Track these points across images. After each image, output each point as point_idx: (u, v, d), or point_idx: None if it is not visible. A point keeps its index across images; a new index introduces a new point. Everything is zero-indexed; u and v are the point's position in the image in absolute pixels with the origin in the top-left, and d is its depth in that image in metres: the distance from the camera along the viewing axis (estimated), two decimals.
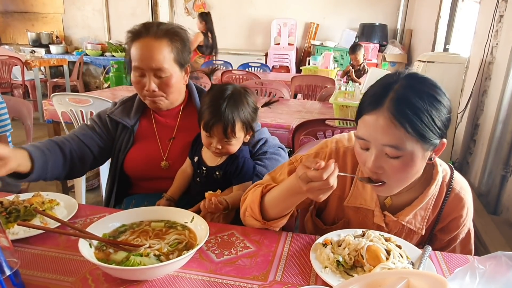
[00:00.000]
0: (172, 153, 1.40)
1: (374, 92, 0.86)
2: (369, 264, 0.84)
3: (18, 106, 1.97)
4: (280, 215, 1.00)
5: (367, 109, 0.85)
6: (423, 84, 0.84)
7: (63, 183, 2.71)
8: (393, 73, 0.89)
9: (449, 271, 0.90)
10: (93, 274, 0.84)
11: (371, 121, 0.84)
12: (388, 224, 1.02)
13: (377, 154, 0.85)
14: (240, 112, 1.20)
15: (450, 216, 1.02)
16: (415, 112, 0.80)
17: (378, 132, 0.83)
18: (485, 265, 0.60)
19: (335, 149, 1.06)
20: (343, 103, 2.39)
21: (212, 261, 0.91)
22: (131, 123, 1.41)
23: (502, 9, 2.92)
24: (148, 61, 1.25)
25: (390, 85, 0.84)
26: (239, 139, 1.24)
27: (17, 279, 0.78)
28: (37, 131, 4.17)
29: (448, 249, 1.07)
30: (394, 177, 0.88)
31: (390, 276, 0.58)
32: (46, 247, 0.94)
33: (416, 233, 1.02)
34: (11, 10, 7.79)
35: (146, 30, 1.27)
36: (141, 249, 0.87)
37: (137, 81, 1.31)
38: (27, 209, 1.04)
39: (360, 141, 0.89)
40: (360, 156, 0.91)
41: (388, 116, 0.81)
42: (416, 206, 0.99)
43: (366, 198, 1.02)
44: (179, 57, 1.30)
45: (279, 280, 0.85)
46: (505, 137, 2.74)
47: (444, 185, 1.01)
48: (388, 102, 0.82)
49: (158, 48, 1.25)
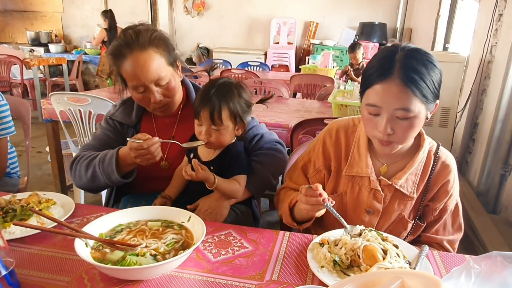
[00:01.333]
0: (172, 153, 1.40)
1: (380, 64, 0.96)
2: (365, 263, 0.84)
3: (16, 105, 1.96)
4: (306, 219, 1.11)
5: (378, 79, 0.94)
6: (420, 53, 0.95)
7: (62, 182, 2.71)
8: (389, 47, 1.00)
9: (446, 270, 0.90)
10: (89, 274, 0.84)
11: (384, 88, 0.94)
12: (384, 189, 1.09)
13: (388, 118, 0.95)
14: (228, 99, 1.21)
15: (438, 182, 1.09)
16: (420, 77, 0.92)
17: (391, 98, 0.93)
18: (480, 264, 0.60)
19: (327, 130, 1.19)
20: (342, 102, 2.39)
21: (209, 261, 0.91)
22: (133, 122, 1.41)
23: (502, 8, 2.92)
24: (145, 76, 1.23)
25: (393, 56, 0.94)
26: (227, 128, 1.23)
27: (12, 279, 0.77)
28: (36, 130, 4.19)
29: (440, 221, 1.12)
30: (402, 136, 0.98)
31: (384, 276, 0.58)
32: (42, 246, 0.94)
33: (409, 198, 1.09)
34: (10, 9, 7.77)
35: (129, 48, 1.22)
36: (138, 248, 0.87)
37: (140, 98, 1.30)
38: (24, 208, 1.04)
39: (370, 108, 0.97)
40: (370, 122, 1.00)
41: (399, 82, 0.92)
42: (408, 170, 1.07)
43: (362, 167, 1.10)
44: (168, 58, 1.29)
45: (276, 279, 0.85)
46: (504, 136, 2.74)
47: (431, 154, 1.10)
48: (397, 71, 0.92)
49: (148, 59, 1.22)
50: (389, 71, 0.93)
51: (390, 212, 1.10)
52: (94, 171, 1.26)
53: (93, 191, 1.39)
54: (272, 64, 6.64)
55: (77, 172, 1.32)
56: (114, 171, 1.21)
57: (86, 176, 1.28)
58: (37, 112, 5.23)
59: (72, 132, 2.57)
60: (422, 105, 0.94)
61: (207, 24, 7.22)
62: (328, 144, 1.17)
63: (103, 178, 1.25)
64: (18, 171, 1.88)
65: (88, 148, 1.38)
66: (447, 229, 1.13)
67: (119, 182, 1.25)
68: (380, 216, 1.10)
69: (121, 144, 1.36)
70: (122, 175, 1.25)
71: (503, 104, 2.72)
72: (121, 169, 1.24)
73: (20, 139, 2.00)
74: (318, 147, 1.19)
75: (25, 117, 1.96)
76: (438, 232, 1.13)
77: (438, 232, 1.13)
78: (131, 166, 1.25)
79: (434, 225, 1.13)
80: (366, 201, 1.10)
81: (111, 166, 1.21)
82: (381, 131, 0.97)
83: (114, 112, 1.43)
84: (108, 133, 1.41)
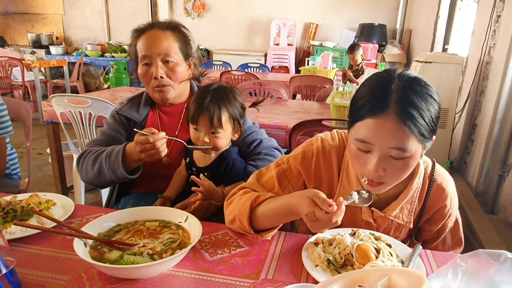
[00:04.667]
0: (174, 151, 1.42)
1: (374, 94, 0.85)
2: (359, 262, 0.85)
3: (17, 107, 1.98)
4: (271, 226, 0.98)
5: (371, 112, 0.83)
6: (418, 84, 0.84)
7: (62, 183, 2.72)
8: (384, 74, 0.88)
9: (438, 269, 0.92)
10: (88, 273, 0.86)
11: (377, 124, 0.82)
12: (376, 220, 1.02)
13: (380, 157, 0.84)
14: (226, 103, 1.23)
15: (434, 207, 1.03)
16: (420, 114, 0.81)
17: (385, 135, 0.82)
18: (467, 262, 0.61)
19: (322, 148, 1.05)
20: (340, 104, 2.40)
21: (206, 260, 0.93)
22: (140, 118, 1.44)
23: (500, 9, 2.93)
24: (155, 48, 1.33)
25: (389, 86, 0.83)
26: (226, 132, 1.24)
27: (13, 278, 0.79)
28: (37, 132, 4.21)
29: (438, 239, 1.09)
30: (394, 177, 0.88)
31: (373, 273, 0.60)
32: (42, 246, 0.96)
33: (405, 226, 1.03)
34: (11, 11, 7.81)
35: (151, 26, 1.38)
36: (135, 248, 0.89)
37: (144, 71, 1.35)
38: (24, 209, 1.05)
39: (360, 144, 0.86)
40: (359, 159, 0.89)
41: (396, 119, 0.80)
42: (402, 200, 0.99)
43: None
44: (183, 47, 1.40)
45: (271, 278, 0.86)
46: (502, 136, 2.75)
47: (426, 177, 1.02)
48: (393, 104, 0.81)
49: (163, 36, 1.35)
50: (384, 104, 0.81)
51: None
52: (101, 166, 1.27)
53: (99, 187, 1.43)
54: (272, 66, 6.66)
55: (84, 167, 1.34)
56: (120, 166, 1.23)
57: (93, 171, 1.29)
58: (38, 114, 5.26)
59: (72, 134, 2.59)
60: (419, 144, 0.84)
61: (207, 26, 7.24)
62: (322, 166, 1.04)
63: (109, 173, 1.26)
64: (19, 172, 1.90)
65: (96, 143, 1.40)
66: (446, 244, 1.09)
67: (125, 178, 1.26)
68: None
69: (127, 140, 1.39)
70: (128, 171, 1.26)
71: (501, 104, 2.73)
72: (127, 165, 1.25)
73: (21, 140, 2.02)
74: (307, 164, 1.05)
75: (26, 119, 1.98)
76: (437, 248, 1.08)
77: (437, 248, 1.08)
78: (137, 162, 1.26)
79: (432, 242, 1.09)
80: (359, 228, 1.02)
81: (117, 161, 1.23)
82: (371, 171, 0.86)
83: (121, 107, 1.46)
84: (115, 128, 1.43)
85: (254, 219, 0.97)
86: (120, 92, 3.20)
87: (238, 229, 1.02)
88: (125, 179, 1.27)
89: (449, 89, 3.21)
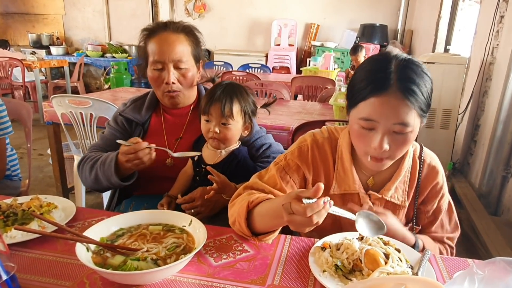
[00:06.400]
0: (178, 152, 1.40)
1: (374, 76, 0.90)
2: (367, 268, 0.84)
3: (17, 108, 1.96)
4: (268, 230, 0.96)
5: (374, 92, 0.88)
6: (413, 63, 0.91)
7: (63, 185, 2.71)
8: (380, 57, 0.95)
9: (448, 275, 0.90)
10: (90, 279, 0.84)
11: (381, 101, 0.88)
12: (374, 203, 1.06)
13: (384, 133, 0.90)
14: (238, 95, 1.25)
15: (428, 185, 1.07)
16: (419, 89, 0.87)
17: (389, 112, 0.87)
18: (483, 270, 0.59)
19: (315, 141, 1.09)
20: (343, 104, 2.38)
21: (211, 265, 0.91)
22: (142, 120, 1.43)
23: (503, 9, 2.92)
24: (169, 53, 1.30)
25: (388, 67, 0.89)
26: (237, 124, 1.25)
27: (14, 284, 0.77)
28: (38, 133, 4.19)
29: (436, 222, 1.11)
30: (396, 152, 0.93)
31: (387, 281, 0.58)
32: (43, 251, 0.94)
33: (401, 207, 1.07)
34: (12, 11, 7.80)
35: (164, 26, 1.34)
36: (139, 253, 0.87)
37: (155, 76, 1.34)
38: (25, 212, 1.03)
39: (364, 123, 0.91)
40: (363, 138, 0.93)
41: (398, 95, 0.86)
42: (396, 180, 1.05)
43: (350, 183, 1.05)
44: (194, 51, 1.37)
45: (277, 284, 0.84)
46: (505, 137, 2.74)
47: (416, 158, 1.07)
48: (395, 82, 0.87)
49: (177, 40, 1.32)
50: (387, 83, 0.87)
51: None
52: (96, 173, 1.28)
53: (99, 191, 1.44)
54: (273, 66, 6.65)
55: (83, 173, 1.36)
56: (113, 174, 1.23)
57: (90, 177, 1.31)
58: (39, 115, 5.24)
59: (73, 135, 2.57)
60: (418, 119, 0.91)
61: (208, 26, 7.23)
62: (317, 157, 1.08)
63: (104, 181, 1.27)
64: (19, 173, 1.88)
65: (95, 149, 1.41)
66: (445, 228, 1.12)
67: (119, 185, 1.27)
68: None
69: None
70: (122, 178, 1.26)
71: (504, 105, 2.72)
72: (121, 172, 1.25)
73: (22, 141, 2.01)
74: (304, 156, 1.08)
75: (26, 119, 1.96)
76: (437, 233, 1.11)
77: (437, 233, 1.11)
78: (129, 170, 1.26)
79: (430, 226, 1.11)
80: None
81: (110, 169, 1.24)
82: (375, 147, 0.90)
83: (124, 109, 1.46)
84: (115, 133, 1.43)
85: (252, 221, 0.96)
86: (121, 93, 3.19)
87: (239, 232, 1.01)
88: (120, 186, 1.29)
89: (452, 90, 3.19)
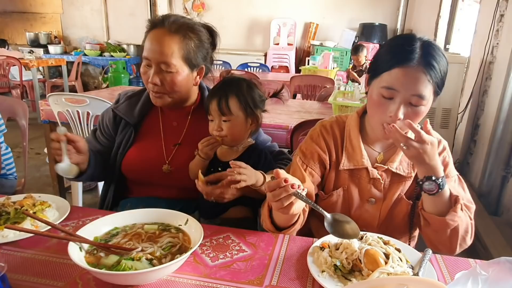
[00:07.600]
0: (177, 158, 1.33)
1: (400, 49, 0.98)
2: (367, 268, 0.82)
3: (13, 106, 1.94)
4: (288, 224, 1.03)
5: (400, 63, 0.96)
6: (434, 45, 0.99)
7: (60, 184, 2.68)
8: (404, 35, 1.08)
9: (449, 274, 0.88)
10: (83, 279, 0.82)
11: (404, 72, 0.96)
12: (381, 175, 1.11)
13: (401, 102, 0.97)
14: (234, 89, 1.22)
15: None
16: (438, 67, 0.96)
17: (410, 82, 0.95)
18: (487, 270, 0.58)
19: (323, 126, 1.19)
20: (342, 103, 2.37)
21: (207, 265, 0.89)
22: (133, 120, 1.35)
23: (503, 8, 2.90)
24: (155, 53, 1.21)
25: (413, 44, 0.97)
26: (237, 118, 1.21)
27: (4, 284, 0.75)
28: (35, 132, 4.16)
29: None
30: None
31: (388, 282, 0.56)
32: (36, 250, 0.92)
33: (407, 178, 1.11)
34: (10, 10, 7.77)
35: (163, 21, 1.23)
36: (133, 253, 0.85)
37: (144, 71, 1.28)
38: (18, 211, 1.01)
39: (386, 91, 0.98)
40: (381, 106, 1.00)
41: (420, 69, 0.95)
42: (400, 152, 1.09)
43: (358, 159, 1.12)
44: (189, 56, 1.24)
45: (275, 284, 0.83)
46: (505, 137, 2.72)
47: None
48: (419, 57, 0.95)
49: (168, 42, 1.20)
50: (412, 57, 0.96)
51: (391, 196, 1.12)
52: None
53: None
54: (272, 65, 6.63)
55: None
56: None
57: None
58: (36, 113, 5.20)
59: None
60: (432, 96, 0.98)
61: None
62: (326, 138, 1.16)
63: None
64: (15, 172, 1.85)
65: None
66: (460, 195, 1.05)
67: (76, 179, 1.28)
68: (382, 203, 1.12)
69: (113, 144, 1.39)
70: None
71: (504, 105, 2.71)
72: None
73: (18, 140, 1.98)
74: (316, 141, 1.17)
75: (22, 118, 1.94)
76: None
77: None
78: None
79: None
80: (367, 192, 1.12)
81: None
82: (391, 115, 0.98)
83: (118, 105, 1.39)
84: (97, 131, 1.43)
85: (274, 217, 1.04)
86: (119, 91, 3.15)
87: (266, 228, 1.07)
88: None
89: (451, 89, 3.17)
